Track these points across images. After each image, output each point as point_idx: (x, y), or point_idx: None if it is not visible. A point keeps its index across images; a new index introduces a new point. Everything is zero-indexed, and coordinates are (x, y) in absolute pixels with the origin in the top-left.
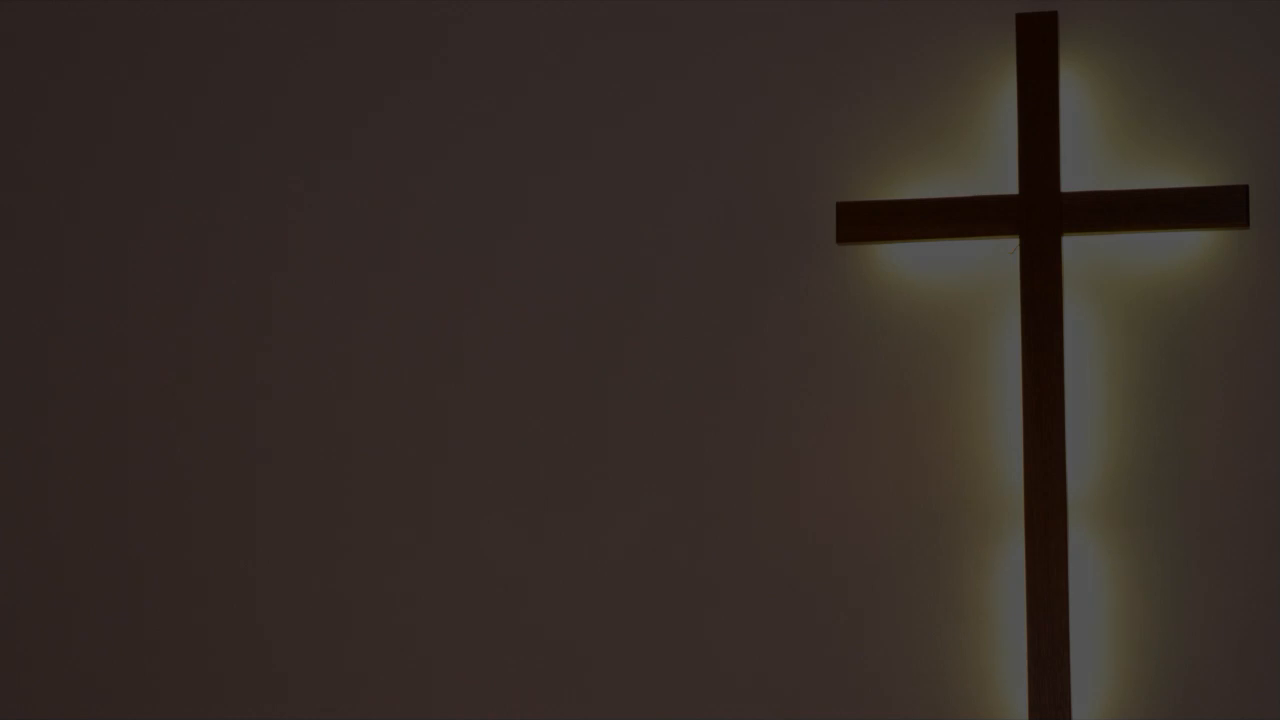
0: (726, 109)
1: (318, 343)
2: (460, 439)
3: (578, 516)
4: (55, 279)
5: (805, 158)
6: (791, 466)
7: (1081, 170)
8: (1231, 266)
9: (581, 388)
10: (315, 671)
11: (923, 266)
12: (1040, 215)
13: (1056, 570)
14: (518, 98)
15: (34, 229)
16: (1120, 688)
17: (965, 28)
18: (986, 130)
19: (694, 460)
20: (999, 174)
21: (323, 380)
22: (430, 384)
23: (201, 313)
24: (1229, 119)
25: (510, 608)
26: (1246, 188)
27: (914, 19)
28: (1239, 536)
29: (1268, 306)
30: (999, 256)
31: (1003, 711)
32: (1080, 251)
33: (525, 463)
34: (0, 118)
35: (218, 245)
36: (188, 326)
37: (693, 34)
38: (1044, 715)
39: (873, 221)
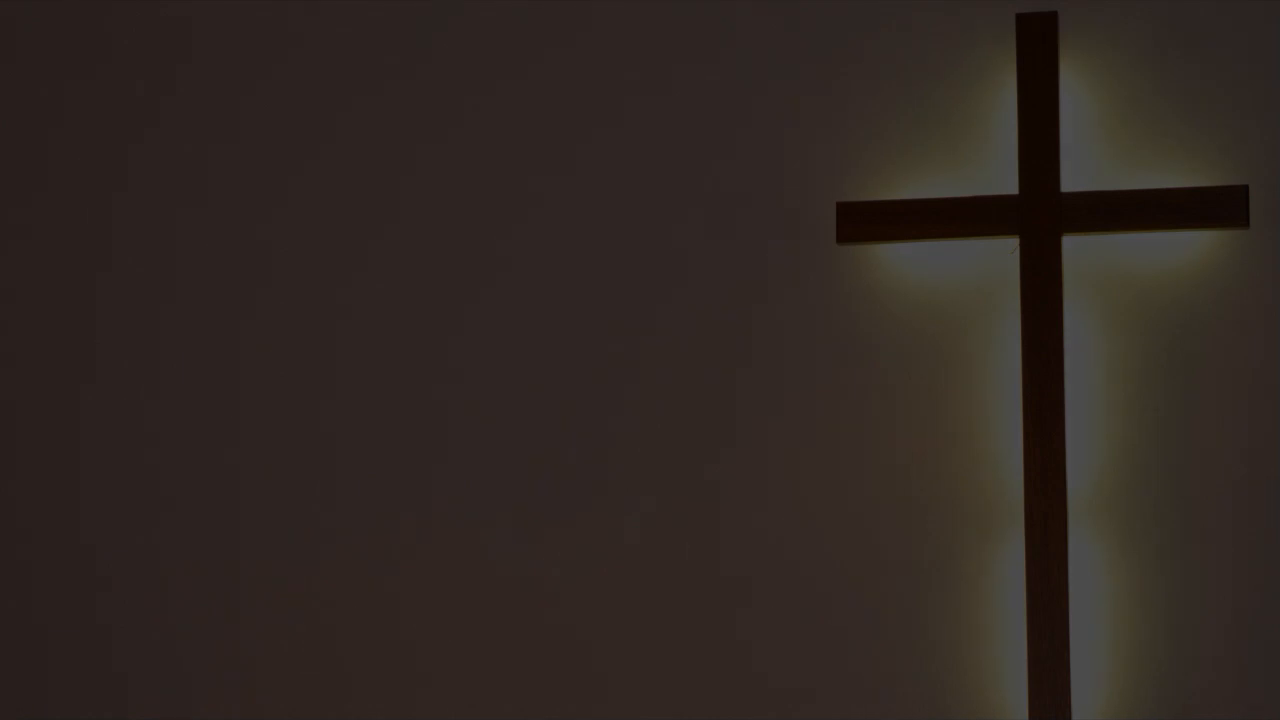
0: (727, 109)
1: (317, 344)
2: (460, 441)
3: (576, 516)
4: (42, 280)
5: (805, 158)
6: (791, 466)
7: (1081, 170)
8: (1231, 266)
9: (580, 387)
10: (315, 675)
11: (923, 266)
12: (1040, 215)
13: (1056, 570)
14: (517, 97)
15: (11, 229)
16: (1120, 688)
17: (965, 28)
18: (986, 130)
19: (693, 460)
20: (999, 174)
21: (321, 382)
22: (429, 385)
23: (192, 312)
24: (1229, 119)
25: (508, 611)
26: (1246, 188)
27: (914, 19)
28: (1238, 536)
29: (1268, 306)
30: (999, 256)
31: (1003, 711)
32: (1080, 251)
33: (524, 463)
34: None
35: (205, 245)
36: (181, 325)
37: (693, 35)
38: (1044, 715)
39: (873, 221)
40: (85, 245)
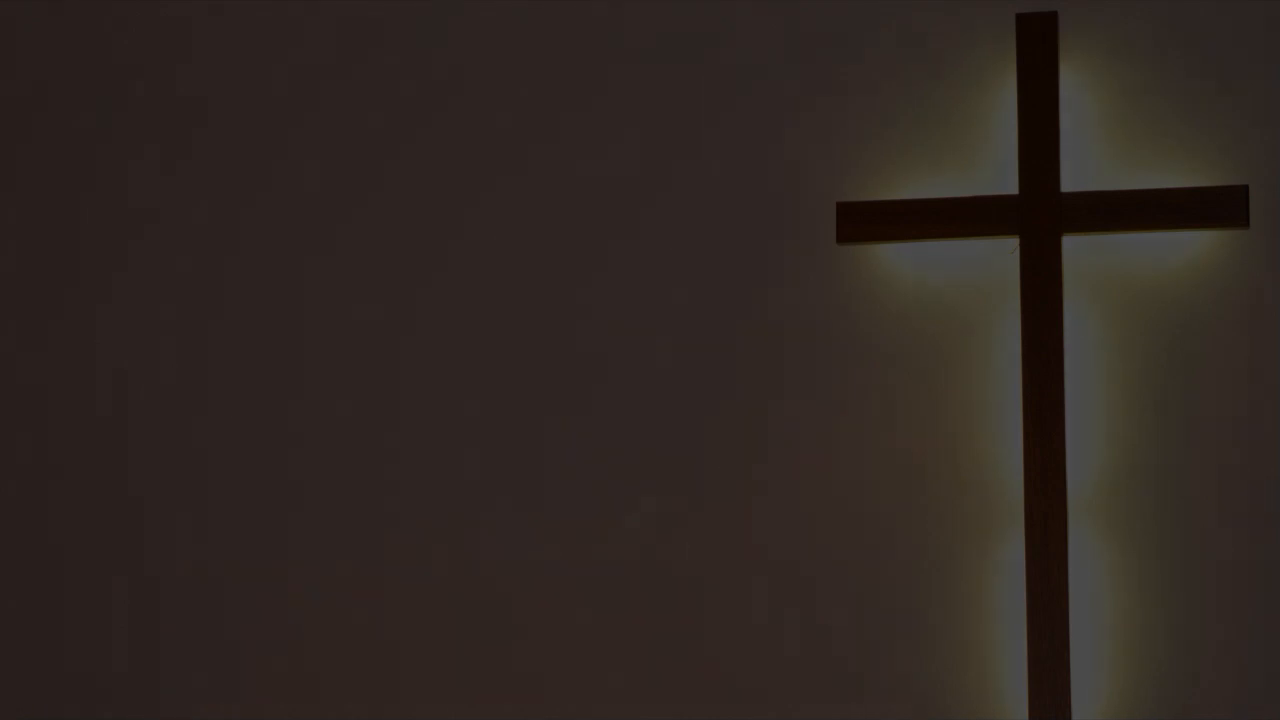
0: (726, 109)
1: (318, 344)
2: (460, 441)
3: (575, 515)
4: (40, 280)
5: (805, 158)
6: (791, 466)
7: (1081, 170)
8: (1231, 266)
9: (580, 387)
10: (316, 675)
11: (923, 266)
12: (1040, 215)
13: (1056, 570)
14: (516, 96)
15: (37, 231)
16: (1120, 688)
17: (965, 28)
18: (986, 130)
19: (693, 459)
20: (999, 174)
21: (322, 382)
22: (429, 385)
23: (192, 313)
24: (1229, 119)
25: (508, 611)
26: (1246, 188)
27: (914, 19)
28: (1239, 536)
29: (1268, 306)
30: (999, 256)
31: (1003, 711)
32: (1080, 251)
33: (524, 463)
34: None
35: (204, 245)
36: (180, 326)
37: (693, 34)
38: (1044, 715)
39: (873, 221)
40: (84, 245)
